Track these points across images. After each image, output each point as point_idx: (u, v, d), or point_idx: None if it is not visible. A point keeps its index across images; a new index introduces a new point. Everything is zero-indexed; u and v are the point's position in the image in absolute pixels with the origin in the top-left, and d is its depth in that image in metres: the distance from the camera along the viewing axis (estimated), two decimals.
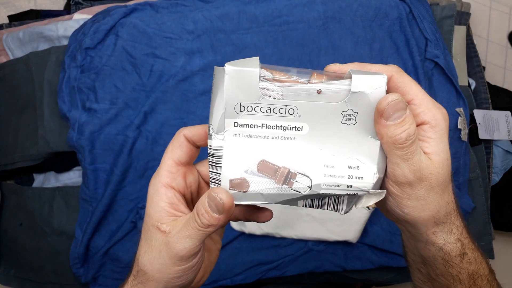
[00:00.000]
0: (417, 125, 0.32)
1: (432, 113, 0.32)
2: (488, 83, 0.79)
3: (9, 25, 0.77)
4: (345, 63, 0.57)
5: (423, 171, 0.31)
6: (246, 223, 0.63)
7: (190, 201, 0.36)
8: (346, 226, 0.65)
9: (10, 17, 0.82)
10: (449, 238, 0.34)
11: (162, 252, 0.33)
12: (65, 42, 0.70)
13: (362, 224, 0.65)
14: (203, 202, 0.31)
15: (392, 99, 0.30)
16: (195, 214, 0.31)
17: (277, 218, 0.64)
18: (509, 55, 0.93)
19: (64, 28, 0.70)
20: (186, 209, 0.34)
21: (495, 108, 0.76)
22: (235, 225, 0.64)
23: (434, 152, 0.32)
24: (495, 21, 0.93)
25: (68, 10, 0.79)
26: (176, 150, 0.35)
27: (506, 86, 0.88)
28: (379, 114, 0.30)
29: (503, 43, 0.93)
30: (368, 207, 0.65)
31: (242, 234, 0.66)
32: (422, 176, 0.31)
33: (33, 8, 0.84)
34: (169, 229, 0.32)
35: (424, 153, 0.32)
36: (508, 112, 0.75)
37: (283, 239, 0.67)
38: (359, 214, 0.65)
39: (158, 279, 0.33)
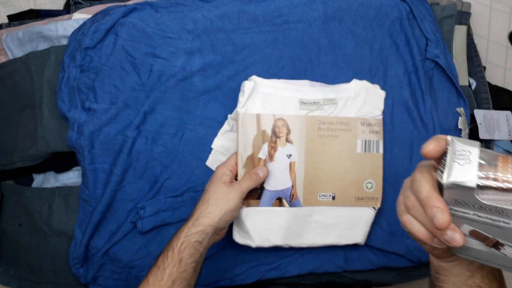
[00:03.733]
0: None
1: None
2: (488, 83, 0.79)
3: (8, 25, 0.77)
4: (345, 63, 0.57)
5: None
6: (253, 235, 0.62)
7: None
8: (355, 229, 0.64)
9: (9, 16, 0.82)
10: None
11: (228, 193, 0.56)
12: (64, 42, 0.70)
13: (370, 225, 0.65)
14: (255, 169, 0.60)
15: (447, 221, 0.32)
16: (251, 172, 0.60)
17: (286, 229, 0.63)
18: (510, 55, 0.93)
19: (64, 28, 0.70)
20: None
21: (496, 108, 0.76)
22: (239, 239, 0.63)
23: None
24: (496, 21, 0.93)
25: (67, 9, 0.79)
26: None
27: (506, 86, 0.88)
28: (441, 227, 0.32)
29: (503, 42, 0.93)
30: (374, 208, 0.64)
31: None
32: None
33: (33, 7, 0.84)
34: (231, 184, 0.57)
35: None
36: (509, 112, 0.75)
37: None
38: (366, 215, 0.64)
39: (222, 207, 0.55)
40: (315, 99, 0.62)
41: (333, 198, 0.63)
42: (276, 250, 0.67)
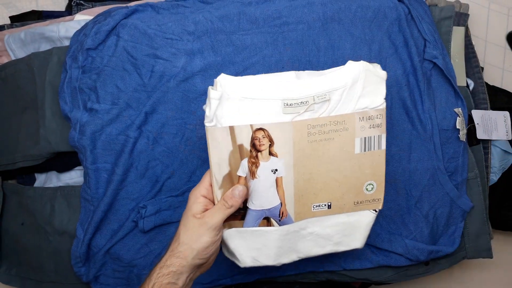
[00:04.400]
0: None
1: None
2: (486, 83, 0.79)
3: (10, 26, 0.77)
4: (344, 63, 0.57)
5: None
6: (238, 256, 0.56)
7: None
8: (354, 234, 0.58)
9: (11, 17, 0.82)
10: None
11: (199, 229, 0.49)
12: (66, 42, 0.71)
13: (370, 229, 0.59)
14: (229, 191, 0.52)
15: None
16: (223, 199, 0.51)
17: (277, 248, 0.56)
18: (507, 56, 0.94)
19: (66, 29, 0.71)
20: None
21: (494, 108, 0.77)
22: (227, 255, 0.58)
23: None
24: (494, 22, 0.93)
25: (69, 11, 0.80)
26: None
27: (504, 87, 0.88)
28: None
29: (501, 43, 0.94)
30: (375, 210, 0.58)
31: None
32: None
33: (35, 9, 0.85)
34: (202, 215, 0.50)
35: None
36: (507, 113, 0.76)
37: None
38: (366, 219, 0.58)
39: (193, 247, 0.49)
40: (302, 97, 0.52)
41: (329, 207, 0.56)
42: None
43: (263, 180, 0.53)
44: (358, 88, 0.53)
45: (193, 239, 0.49)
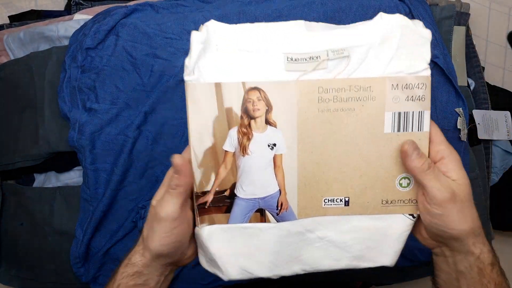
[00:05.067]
0: (439, 160, 0.41)
1: (449, 150, 0.42)
2: (487, 83, 0.79)
3: (9, 26, 0.77)
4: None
5: (453, 187, 0.40)
6: (221, 265, 0.43)
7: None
8: (381, 246, 0.45)
9: (10, 17, 0.82)
10: (483, 248, 0.41)
11: (153, 222, 0.41)
12: (66, 42, 0.71)
13: (404, 241, 0.45)
14: (170, 170, 0.42)
15: (410, 142, 0.41)
16: (168, 184, 0.41)
17: (274, 254, 0.43)
18: (508, 56, 0.94)
19: (65, 29, 0.71)
20: None
21: (494, 108, 0.77)
22: (206, 265, 0.46)
23: (458, 177, 0.41)
24: (494, 22, 0.93)
25: (68, 10, 0.79)
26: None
27: (505, 86, 0.88)
28: (405, 154, 0.40)
29: (502, 43, 0.94)
30: (413, 215, 0.44)
31: None
32: (454, 192, 0.40)
33: (34, 8, 0.84)
34: (155, 204, 0.42)
35: (452, 180, 0.41)
36: (508, 112, 0.75)
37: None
38: (399, 227, 0.44)
39: (150, 247, 0.41)
40: (312, 51, 0.40)
41: (347, 203, 0.43)
42: None
43: (257, 158, 0.42)
44: (390, 48, 0.40)
45: (148, 234, 0.41)
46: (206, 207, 0.43)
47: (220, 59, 0.40)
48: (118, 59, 0.65)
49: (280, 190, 0.43)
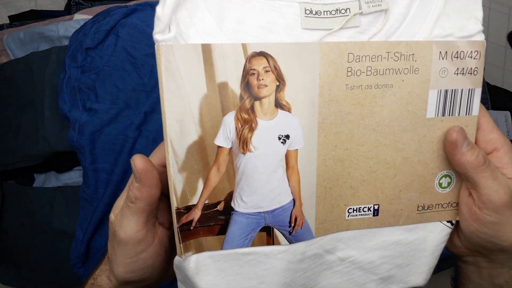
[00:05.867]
0: (490, 152, 0.32)
1: (503, 139, 0.32)
2: (487, 83, 0.79)
3: (9, 26, 0.77)
4: None
5: None
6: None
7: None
8: (413, 263, 0.36)
9: (10, 17, 0.82)
10: None
11: (113, 243, 0.32)
12: (65, 42, 0.71)
13: (438, 256, 0.37)
14: (130, 178, 0.31)
15: (459, 129, 0.31)
16: (126, 193, 0.30)
17: (286, 286, 0.33)
18: (508, 55, 0.94)
19: (65, 29, 0.71)
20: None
21: (494, 108, 0.77)
22: None
23: None
24: (494, 21, 0.93)
25: (68, 10, 0.79)
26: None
27: (505, 86, 0.88)
28: (453, 146, 0.31)
29: (502, 43, 0.94)
30: (451, 222, 0.35)
31: None
32: None
33: (34, 8, 0.84)
34: (113, 219, 0.32)
35: (509, 178, 0.32)
36: (507, 112, 0.76)
37: None
38: (436, 238, 0.35)
39: (114, 272, 0.32)
40: (339, 1, 0.30)
41: (376, 212, 0.34)
42: None
43: (263, 156, 0.30)
44: (436, 4, 0.31)
45: (112, 256, 0.33)
46: (191, 228, 0.31)
47: (210, 9, 0.28)
48: (118, 59, 0.64)
49: (294, 200, 0.32)
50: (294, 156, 0.31)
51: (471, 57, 0.31)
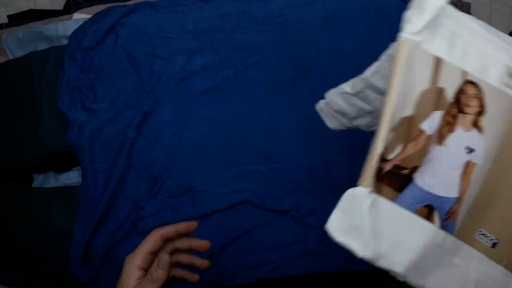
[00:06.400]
0: None
1: None
2: None
3: (8, 25, 0.77)
4: (345, 63, 0.56)
5: None
6: (363, 240, 0.38)
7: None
8: None
9: (9, 17, 0.82)
10: None
11: None
12: (65, 42, 0.70)
13: None
14: (154, 264, 0.44)
15: None
16: (149, 273, 0.44)
17: (417, 257, 0.38)
18: None
19: (64, 28, 0.70)
20: None
21: None
22: (341, 235, 0.40)
23: None
24: (496, 21, 0.93)
25: (67, 10, 0.79)
26: (151, 243, 0.45)
27: None
28: None
29: None
30: None
31: (241, 235, 0.66)
32: None
33: (33, 8, 0.84)
34: (133, 284, 0.43)
35: None
36: None
37: (283, 237, 0.66)
38: None
39: None
40: None
41: (493, 245, 0.38)
42: (276, 250, 0.67)
43: (450, 154, 0.38)
44: None
45: None
46: (382, 173, 0.38)
47: (444, 37, 0.38)
48: (117, 59, 0.64)
49: (458, 198, 0.38)
50: (471, 167, 0.38)
51: None
